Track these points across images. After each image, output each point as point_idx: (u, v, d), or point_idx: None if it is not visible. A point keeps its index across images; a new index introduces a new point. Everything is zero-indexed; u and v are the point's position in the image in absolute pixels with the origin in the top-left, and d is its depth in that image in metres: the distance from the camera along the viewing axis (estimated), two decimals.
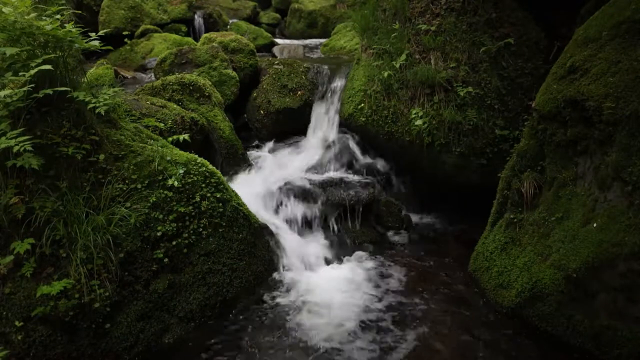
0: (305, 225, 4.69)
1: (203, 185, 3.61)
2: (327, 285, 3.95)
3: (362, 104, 5.20)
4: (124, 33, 8.62)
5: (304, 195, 4.80)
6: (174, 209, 3.41)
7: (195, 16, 10.10)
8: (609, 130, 2.97)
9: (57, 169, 3.07)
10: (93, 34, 3.39)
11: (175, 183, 3.44)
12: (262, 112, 6.10)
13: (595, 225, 3.00)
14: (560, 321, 3.16)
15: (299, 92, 6.04)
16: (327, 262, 4.36)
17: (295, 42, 10.36)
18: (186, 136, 4.14)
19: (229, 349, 3.24)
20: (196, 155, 3.78)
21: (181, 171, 3.52)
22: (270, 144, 6.00)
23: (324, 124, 5.84)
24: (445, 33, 4.86)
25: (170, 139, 4.09)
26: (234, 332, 3.39)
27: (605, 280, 2.91)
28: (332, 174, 5.33)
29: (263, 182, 5.00)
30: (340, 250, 4.54)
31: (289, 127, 6.04)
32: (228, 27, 10.36)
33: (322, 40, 9.90)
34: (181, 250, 3.40)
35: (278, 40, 10.39)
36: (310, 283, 3.99)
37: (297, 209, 4.71)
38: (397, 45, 5.08)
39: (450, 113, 4.63)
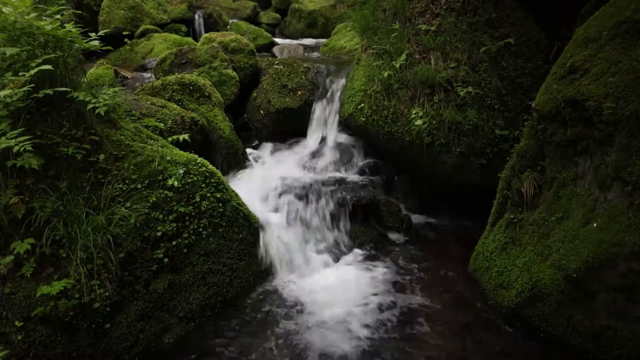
0: (306, 225, 4.68)
1: (203, 185, 3.61)
2: (327, 285, 3.95)
3: (362, 104, 5.20)
4: (124, 33, 8.62)
5: (304, 195, 4.79)
6: (174, 209, 3.41)
7: (195, 16, 10.09)
8: (609, 130, 2.97)
9: (57, 169, 3.07)
10: (93, 34, 3.39)
11: (175, 183, 3.44)
12: (262, 112, 6.10)
13: (595, 225, 3.00)
14: (560, 321, 3.16)
15: (299, 92, 6.04)
16: (327, 261, 4.35)
17: (295, 42, 10.36)
18: (186, 136, 4.14)
19: (229, 349, 3.24)
20: (196, 155, 3.78)
21: (181, 171, 3.52)
22: (270, 144, 6.00)
23: (323, 124, 5.84)
24: (445, 33, 4.86)
25: (170, 139, 4.09)
26: (234, 332, 3.39)
27: (605, 280, 2.91)
28: (332, 173, 5.34)
29: (263, 182, 5.00)
30: (340, 250, 4.53)
31: (289, 127, 6.04)
32: (228, 27, 10.36)
33: (322, 40, 9.88)
34: (181, 250, 3.40)
35: (278, 40, 10.39)
36: (310, 283, 3.99)
37: (297, 209, 4.70)
38: (397, 45, 5.08)
39: (450, 113, 4.63)
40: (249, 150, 5.79)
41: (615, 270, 2.86)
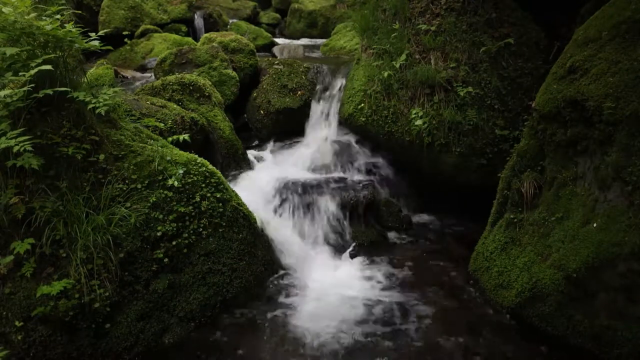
0: (305, 225, 4.69)
1: (203, 185, 3.61)
2: (326, 285, 3.95)
3: (362, 104, 5.20)
4: (124, 33, 8.62)
5: (303, 195, 4.80)
6: (174, 209, 3.40)
7: (195, 16, 10.11)
8: (609, 130, 2.97)
9: (57, 169, 3.07)
10: (93, 34, 3.39)
11: (175, 183, 3.44)
12: (262, 112, 6.10)
13: (595, 225, 3.00)
14: (560, 321, 3.16)
15: (299, 92, 6.04)
16: (327, 261, 4.36)
17: (295, 42, 10.36)
18: (186, 136, 4.14)
19: (229, 349, 3.24)
20: (196, 155, 3.78)
21: (181, 171, 3.52)
22: (270, 144, 6.00)
23: (323, 124, 5.84)
24: (445, 33, 4.86)
25: (170, 139, 4.09)
26: (234, 332, 3.39)
27: (605, 280, 2.91)
28: (332, 174, 5.34)
29: (263, 182, 5.00)
30: (340, 250, 4.54)
31: (289, 127, 6.05)
32: (228, 27, 10.36)
33: (322, 40, 9.89)
34: (181, 250, 3.40)
35: (278, 40, 10.40)
36: (310, 283, 3.99)
37: (297, 208, 4.71)
38: (397, 45, 5.09)
39: (450, 113, 4.63)
40: (249, 150, 5.79)
41: (615, 270, 2.86)
